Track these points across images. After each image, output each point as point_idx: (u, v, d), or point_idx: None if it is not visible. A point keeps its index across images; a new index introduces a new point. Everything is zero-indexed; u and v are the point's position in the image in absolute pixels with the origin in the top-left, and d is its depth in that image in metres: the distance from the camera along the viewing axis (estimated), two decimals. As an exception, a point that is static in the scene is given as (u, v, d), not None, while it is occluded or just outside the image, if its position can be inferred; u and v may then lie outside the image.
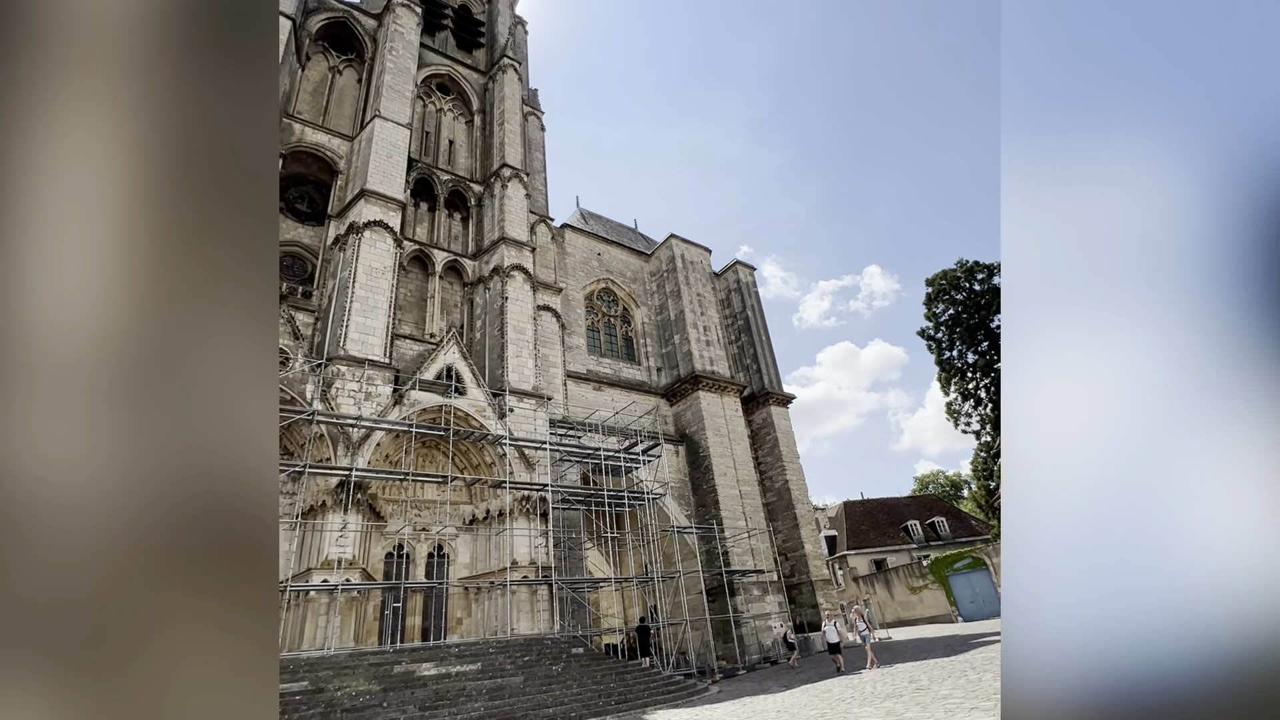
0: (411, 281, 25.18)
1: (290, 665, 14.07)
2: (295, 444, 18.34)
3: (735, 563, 27.20)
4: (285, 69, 23.55)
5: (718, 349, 34.62)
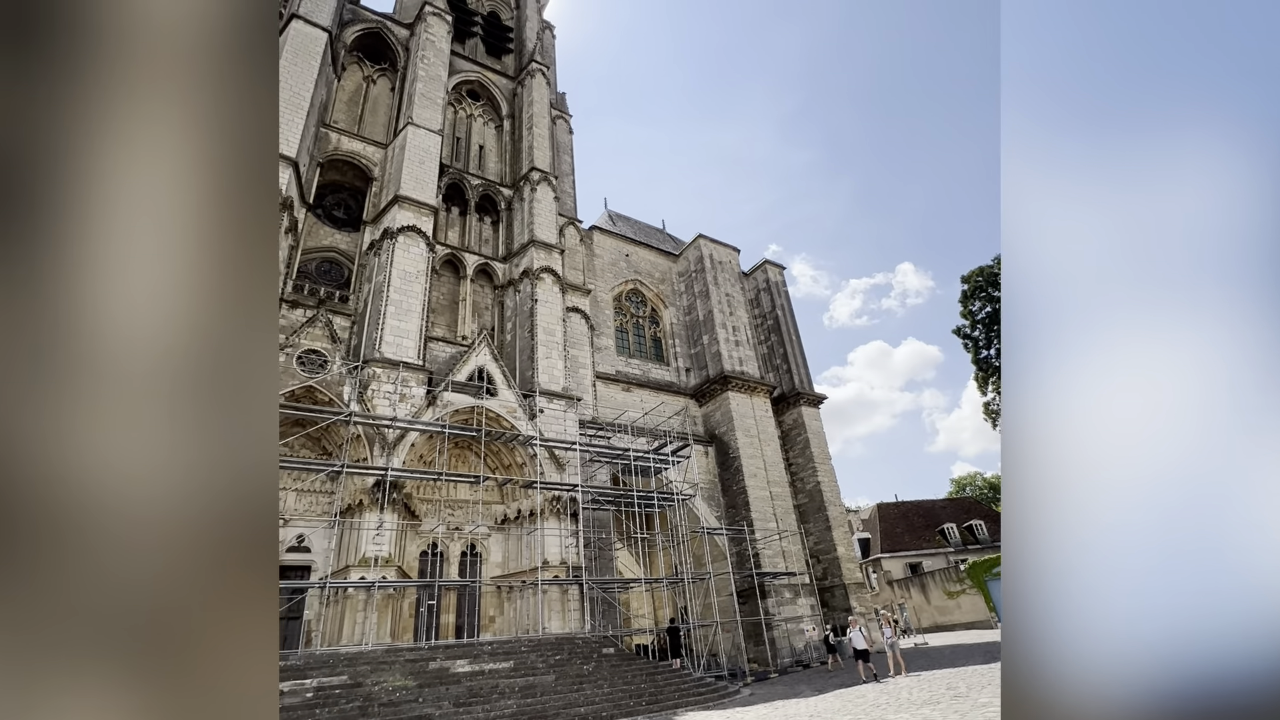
0: (444, 285, 25.65)
1: (330, 660, 14.46)
2: (334, 444, 18.85)
3: (766, 565, 26.95)
4: (322, 80, 24.25)
5: (747, 349, 34.37)
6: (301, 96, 22.57)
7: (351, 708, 12.75)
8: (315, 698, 12.91)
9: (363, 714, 12.64)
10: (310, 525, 18.35)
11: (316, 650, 15.32)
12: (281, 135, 21.29)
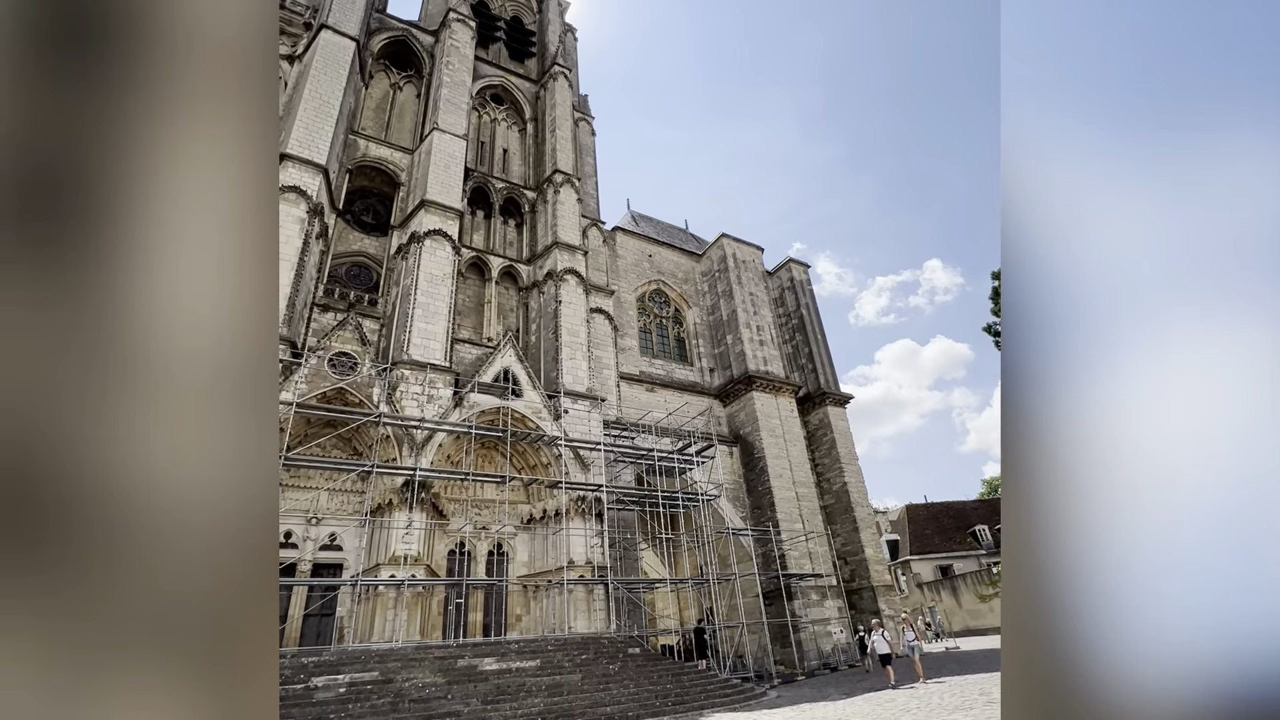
0: (469, 287, 25.99)
1: (362, 656, 14.76)
2: (364, 445, 19.24)
3: (792, 566, 26.70)
4: (350, 88, 24.76)
5: (771, 349, 34.10)
6: (331, 105, 23.08)
7: (383, 703, 13.00)
8: (348, 693, 13.19)
9: (393, 710, 12.88)
10: (342, 524, 18.75)
11: (349, 646, 15.66)
12: (312, 143, 21.82)
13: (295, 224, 19.91)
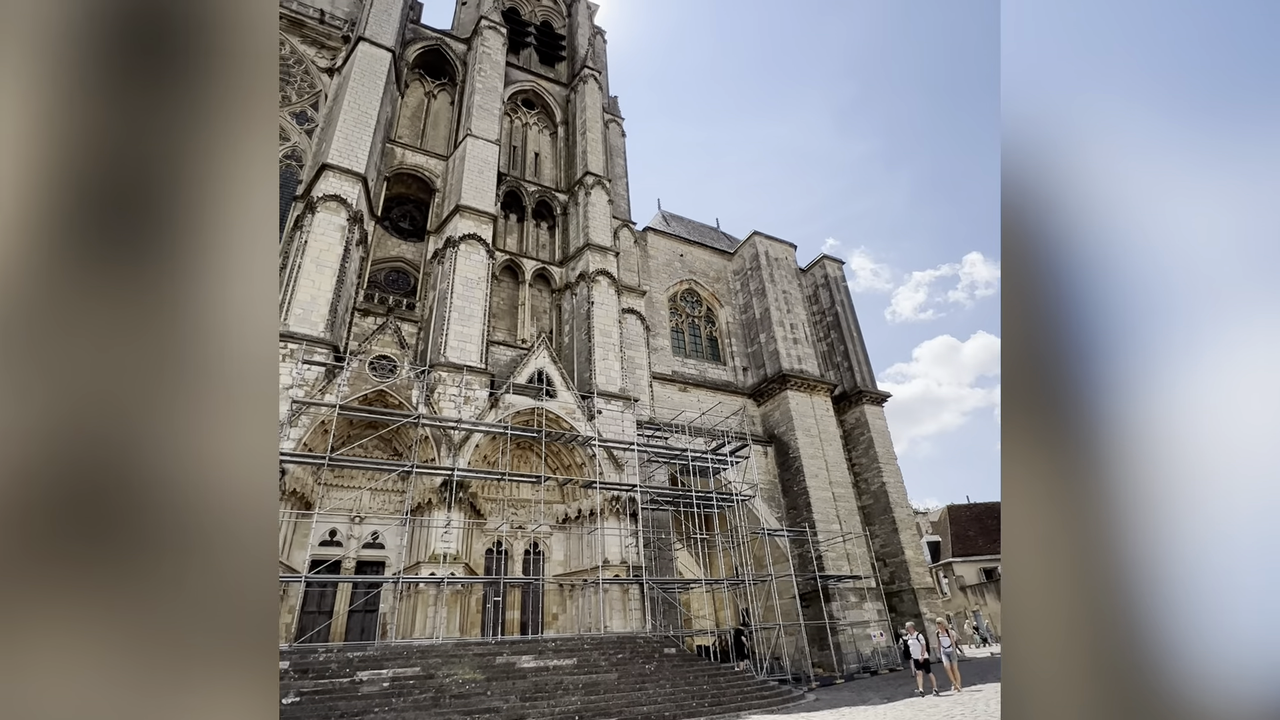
0: (503, 290, 26.39)
1: (404, 652, 15.15)
2: (404, 445, 19.72)
3: (830, 567, 26.31)
4: (387, 98, 25.42)
5: (805, 347, 33.66)
6: (369, 115, 23.73)
7: (425, 698, 13.31)
8: (391, 687, 13.55)
9: (435, 705, 13.17)
10: (384, 523, 19.26)
11: (392, 642, 16.08)
12: (351, 152, 22.47)
13: (336, 231, 20.53)
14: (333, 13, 29.25)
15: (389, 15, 27.24)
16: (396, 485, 19.51)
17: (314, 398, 17.67)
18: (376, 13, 26.92)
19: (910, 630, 17.62)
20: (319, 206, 20.62)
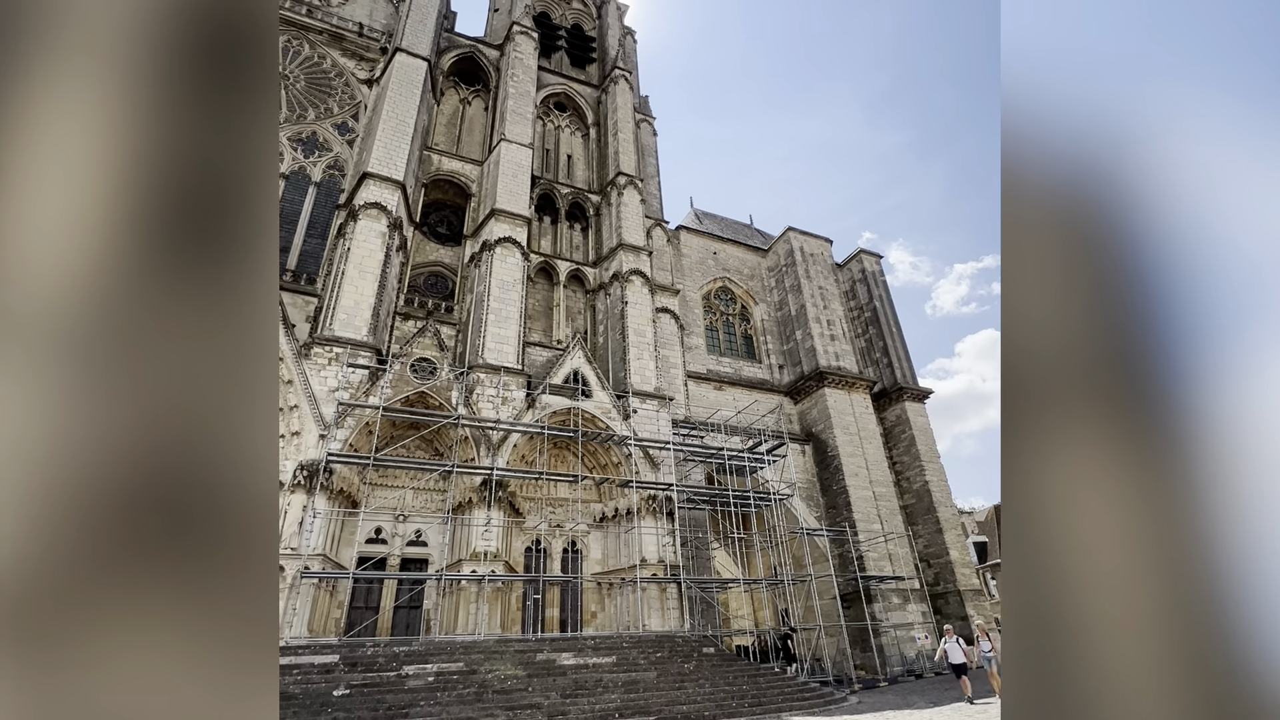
0: (538, 291, 26.71)
1: (447, 647, 15.49)
2: (444, 445, 20.16)
3: (871, 568, 25.79)
4: (423, 106, 26.01)
5: (843, 343, 33.06)
6: (406, 123, 24.33)
7: (468, 693, 13.59)
8: (436, 682, 13.88)
9: (478, 699, 13.43)
10: (426, 521, 19.73)
11: (435, 638, 16.47)
12: (390, 161, 23.08)
13: (377, 238, 21.12)
14: (371, 25, 30.07)
15: (424, 25, 27.86)
16: (438, 484, 19.96)
17: (358, 400, 18.22)
18: (412, 23, 27.57)
19: (949, 633, 16.79)
20: (360, 214, 21.23)
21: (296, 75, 27.67)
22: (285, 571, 15.52)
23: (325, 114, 27.37)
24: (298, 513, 16.24)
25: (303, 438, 17.37)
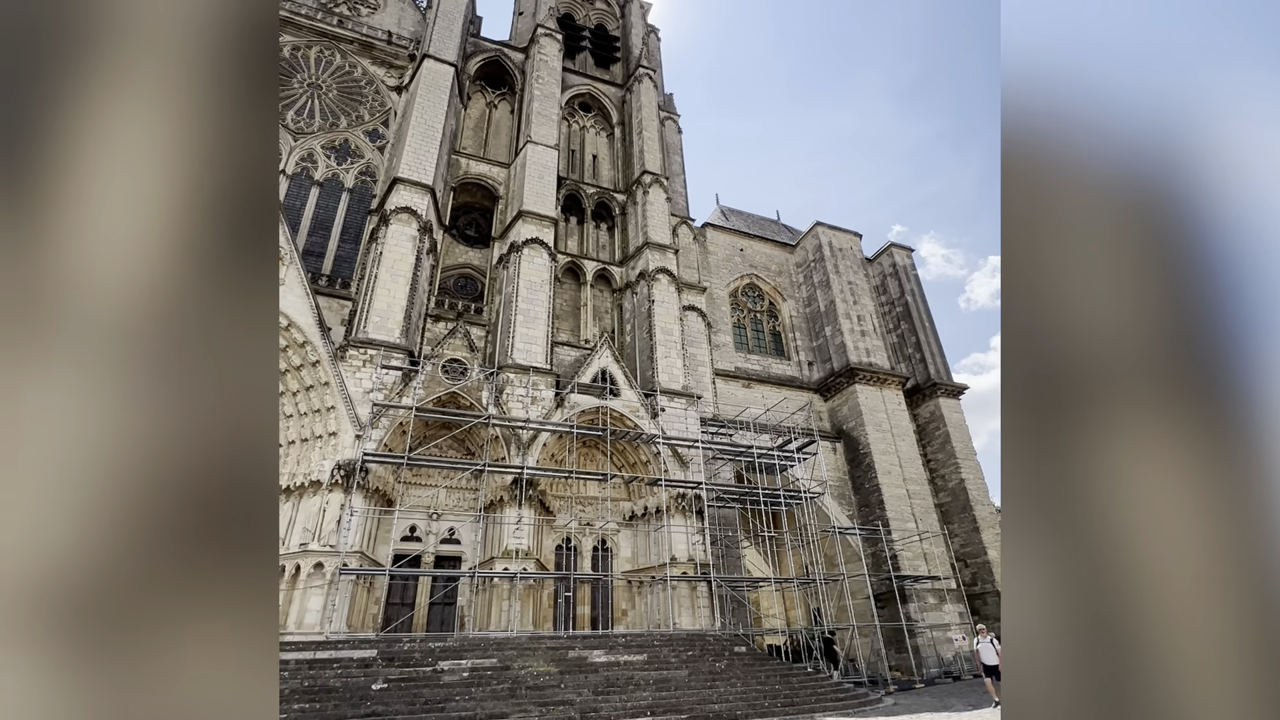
0: (565, 291, 26.89)
1: (481, 643, 15.73)
2: (476, 445, 20.46)
3: (905, 567, 25.32)
4: (451, 111, 26.40)
5: (874, 339, 32.51)
6: (434, 128, 24.73)
7: (501, 689, 13.78)
8: (470, 677, 14.11)
9: (511, 695, 13.60)
10: (459, 519, 20.05)
11: (469, 634, 16.74)
12: (420, 166, 23.49)
13: (408, 242, 21.52)
14: (399, 33, 30.66)
15: (451, 31, 28.28)
16: (470, 483, 20.26)
17: (392, 400, 18.61)
18: (439, 29, 28.00)
19: (983, 633, 15.96)
20: (392, 219, 21.67)
21: (329, 85, 28.37)
22: (324, 568, 15.96)
23: (357, 121, 28.00)
24: (335, 511, 16.68)
25: (339, 438, 17.81)
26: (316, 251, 24.48)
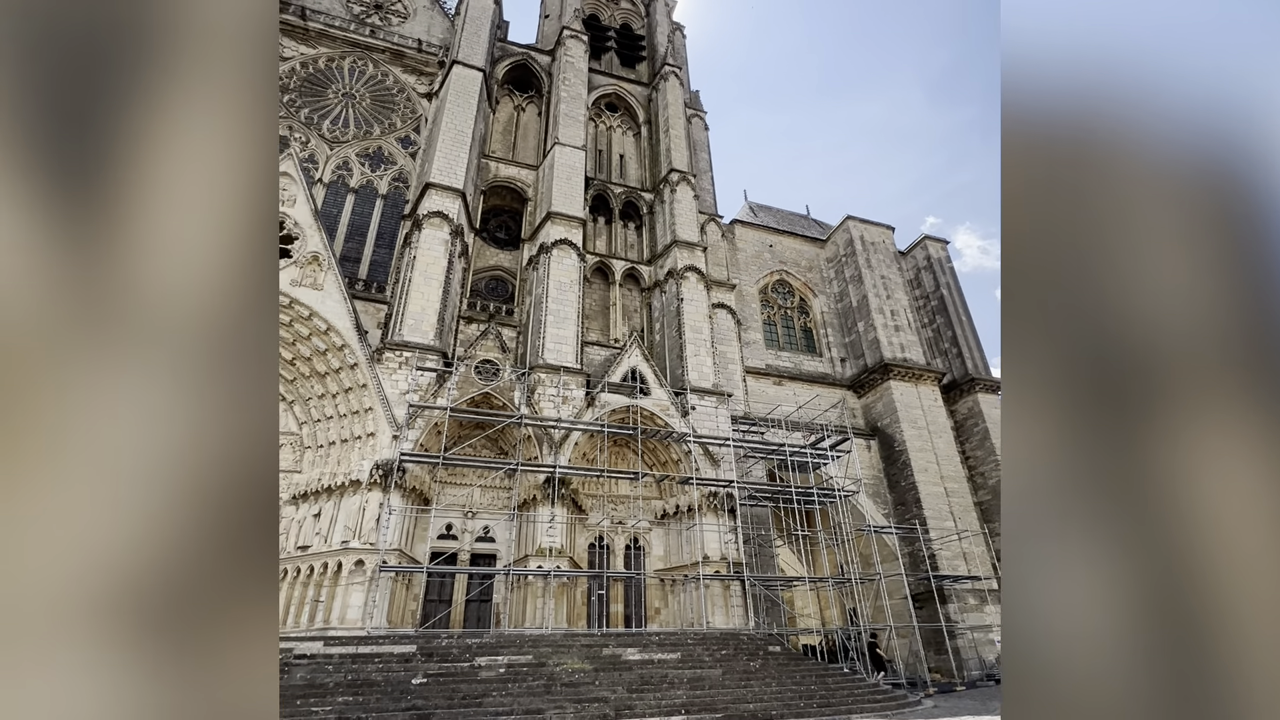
0: (594, 291, 27.04)
1: (516, 640, 15.96)
2: (509, 444, 20.75)
3: (944, 567, 24.77)
4: (480, 115, 26.79)
5: (909, 334, 31.84)
6: (464, 133, 25.13)
7: (537, 685, 13.96)
8: (506, 673, 14.33)
9: (547, 691, 13.77)
10: (493, 518, 20.36)
11: (505, 631, 17.00)
12: (451, 170, 23.91)
13: (440, 245, 21.93)
14: (429, 41, 31.23)
15: (478, 37, 28.68)
16: (503, 482, 20.56)
17: (427, 401, 19.00)
18: (467, 35, 28.44)
19: None
20: (424, 223, 22.10)
21: (362, 94, 29.08)
22: (365, 565, 16.41)
23: (389, 129, 28.63)
24: (374, 509, 17.12)
25: (377, 438, 18.27)
26: (353, 257, 25.13)
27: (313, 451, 19.09)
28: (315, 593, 16.62)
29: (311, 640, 14.88)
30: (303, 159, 25.00)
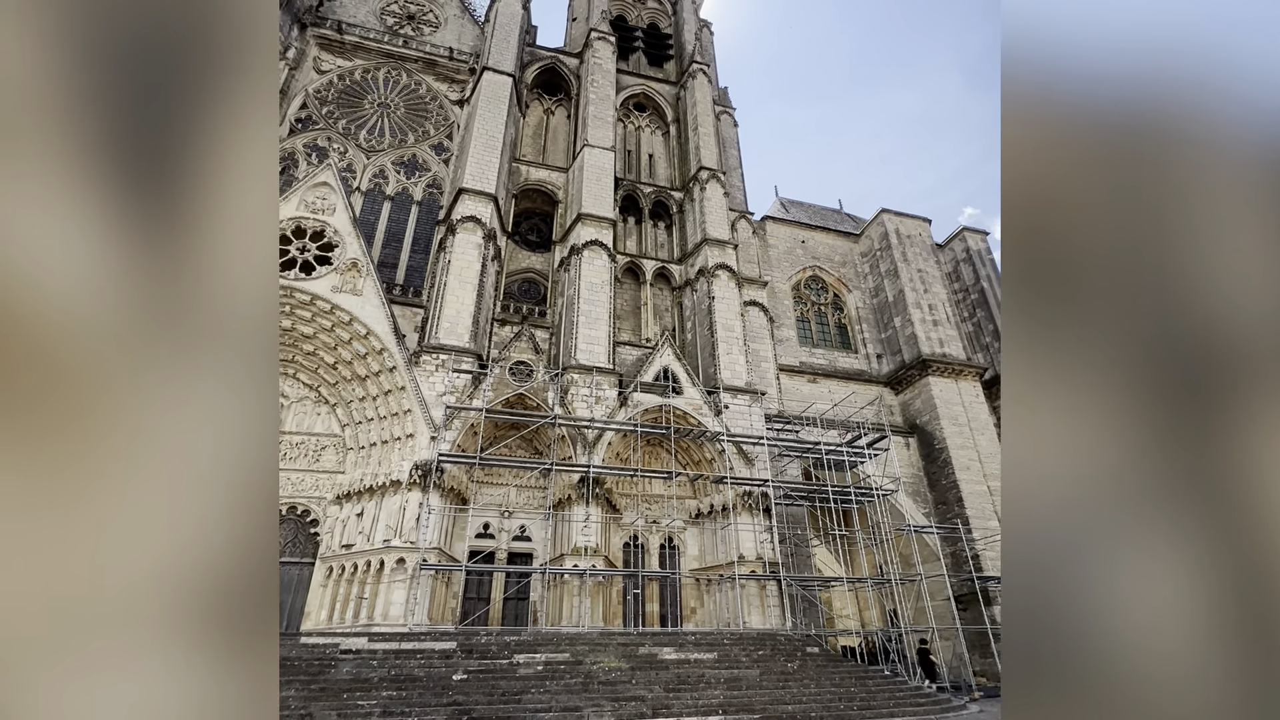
0: (626, 291, 27.13)
1: (553, 638, 16.14)
2: (543, 444, 20.99)
3: (988, 568, 24.05)
4: (510, 120, 27.15)
5: (947, 328, 31.02)
6: (495, 138, 25.51)
7: (575, 683, 14.08)
8: (544, 671, 14.50)
9: (584, 689, 13.88)
10: (529, 517, 20.63)
11: (542, 629, 17.20)
12: (483, 175, 24.30)
13: (474, 249, 22.31)
14: (459, 48, 31.79)
15: (508, 43, 29.07)
16: (539, 482, 20.81)
17: (464, 403, 19.36)
18: (496, 42, 28.85)
19: None
20: (458, 228, 22.52)
21: (396, 103, 29.77)
22: (406, 563, 16.82)
23: (423, 137, 29.25)
24: (414, 509, 17.53)
25: (416, 439, 18.70)
26: (390, 263, 25.76)
27: (355, 453, 19.65)
28: (359, 590, 17.11)
29: (357, 636, 15.33)
30: (341, 169, 25.72)
